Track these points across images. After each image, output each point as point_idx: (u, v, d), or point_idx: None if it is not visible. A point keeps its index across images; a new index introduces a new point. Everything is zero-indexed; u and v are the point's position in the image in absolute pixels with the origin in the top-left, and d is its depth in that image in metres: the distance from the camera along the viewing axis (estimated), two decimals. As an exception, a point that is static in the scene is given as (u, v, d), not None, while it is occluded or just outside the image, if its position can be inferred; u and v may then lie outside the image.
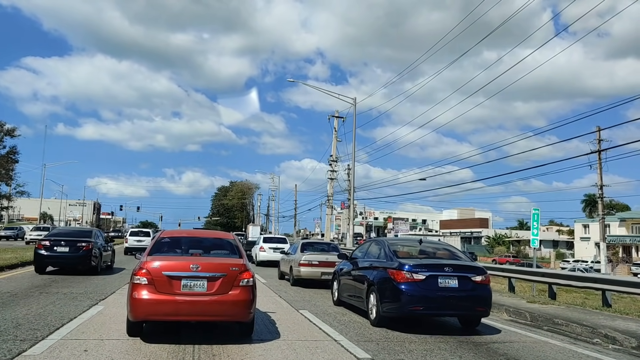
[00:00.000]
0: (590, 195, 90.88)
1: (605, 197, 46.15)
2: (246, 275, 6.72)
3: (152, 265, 6.53)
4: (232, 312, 6.62)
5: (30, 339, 6.37)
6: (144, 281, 6.41)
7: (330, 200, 48.43)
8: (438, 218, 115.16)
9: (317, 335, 7.55)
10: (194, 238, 8.10)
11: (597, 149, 40.39)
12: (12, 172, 65.84)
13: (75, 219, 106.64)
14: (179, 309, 6.40)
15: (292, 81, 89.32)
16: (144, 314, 6.41)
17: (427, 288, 8.12)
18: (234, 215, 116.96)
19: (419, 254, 9.40)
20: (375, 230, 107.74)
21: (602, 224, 42.12)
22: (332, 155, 47.64)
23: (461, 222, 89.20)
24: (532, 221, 20.36)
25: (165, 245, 7.39)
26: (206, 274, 6.54)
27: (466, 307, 8.39)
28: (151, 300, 6.34)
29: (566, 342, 8.05)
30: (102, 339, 6.59)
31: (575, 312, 10.60)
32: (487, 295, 8.48)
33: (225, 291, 6.53)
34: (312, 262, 14.58)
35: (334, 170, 48.22)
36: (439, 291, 8.14)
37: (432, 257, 9.26)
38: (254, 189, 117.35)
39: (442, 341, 7.51)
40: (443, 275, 8.24)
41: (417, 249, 9.67)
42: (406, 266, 8.29)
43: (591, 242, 63.78)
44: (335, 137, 47.37)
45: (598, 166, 41.60)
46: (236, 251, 7.41)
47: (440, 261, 8.88)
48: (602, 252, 42.00)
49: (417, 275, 8.16)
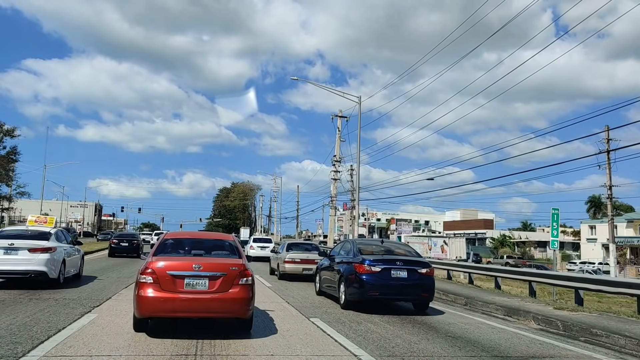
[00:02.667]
0: (594, 196, 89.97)
1: (613, 199, 45.42)
2: (245, 274, 7.02)
3: (157, 265, 6.83)
4: (232, 310, 6.93)
5: (8, 355, 5.55)
6: (149, 280, 6.71)
7: (333, 201, 47.53)
8: (440, 219, 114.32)
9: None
10: (196, 239, 8.27)
11: (606, 149, 39.67)
12: (13, 173, 65.23)
13: (77, 221, 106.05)
14: (182, 306, 6.71)
15: (295, 79, 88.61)
16: (150, 311, 6.71)
17: (382, 278, 10.08)
18: (236, 217, 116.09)
19: (379, 251, 11.11)
20: (378, 232, 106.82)
21: (612, 225, 41.19)
22: (336, 155, 46.68)
23: (465, 223, 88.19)
24: (552, 221, 19.58)
25: (169, 246, 7.68)
26: (208, 273, 6.83)
27: (413, 294, 10.34)
28: (156, 297, 6.64)
29: (612, 356, 7.20)
30: (91, 355, 5.75)
31: (611, 320, 9.73)
32: (431, 284, 10.45)
33: (226, 289, 6.83)
34: (295, 259, 16.82)
35: (338, 170, 47.18)
36: (392, 280, 10.12)
37: (390, 254, 10.95)
38: (255, 190, 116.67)
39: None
40: (395, 268, 10.23)
41: (379, 247, 11.48)
42: (367, 261, 10.26)
43: (598, 244, 62.85)
44: (339, 137, 46.39)
45: (607, 166, 40.84)
46: (236, 252, 7.71)
47: (394, 257, 10.72)
48: (612, 253, 41.06)
49: (375, 267, 10.14)
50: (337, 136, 45.90)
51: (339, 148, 46.05)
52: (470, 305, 12.36)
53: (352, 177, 51.71)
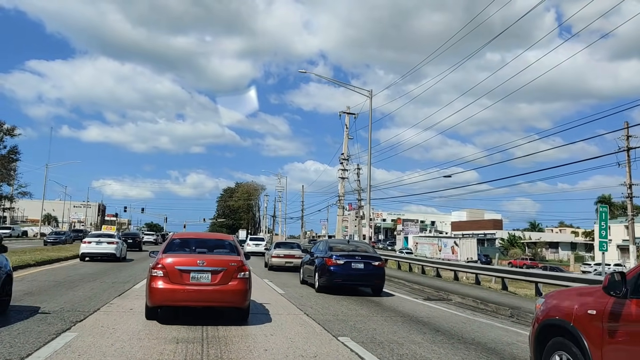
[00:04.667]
0: (604, 196, 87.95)
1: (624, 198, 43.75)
2: (243, 269, 8.04)
3: (167, 261, 7.90)
4: (231, 300, 7.92)
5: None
6: (160, 274, 7.76)
7: (341, 200, 46.05)
8: (445, 219, 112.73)
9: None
10: (200, 239, 9.29)
11: (626, 147, 38.12)
12: (14, 172, 64.09)
13: (80, 221, 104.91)
14: (188, 297, 7.74)
15: (303, 72, 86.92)
16: (160, 300, 7.77)
17: (345, 268, 13.17)
18: (240, 217, 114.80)
19: (345, 249, 14.11)
20: (384, 232, 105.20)
21: (632, 225, 39.58)
22: (344, 153, 45.11)
23: (473, 224, 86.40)
24: (600, 220, 17.86)
25: (177, 245, 8.77)
26: (210, 268, 7.85)
27: (369, 281, 13.47)
28: (166, 289, 7.68)
29: None
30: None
31: None
32: (382, 274, 13.58)
33: (226, 282, 7.84)
34: (280, 255, 21.53)
35: (345, 169, 45.62)
36: (352, 270, 13.21)
37: (352, 251, 13.98)
38: (260, 190, 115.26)
39: None
40: (354, 261, 13.34)
41: (345, 246, 14.65)
42: (334, 256, 13.35)
43: (612, 245, 61.10)
44: (347, 135, 44.80)
45: (627, 164, 39.27)
46: (235, 250, 8.76)
47: (354, 252, 13.79)
48: (632, 255, 39.32)
49: (339, 261, 13.22)
50: (345, 133, 44.40)
51: (347, 145, 44.57)
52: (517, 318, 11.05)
53: (359, 176, 50.23)
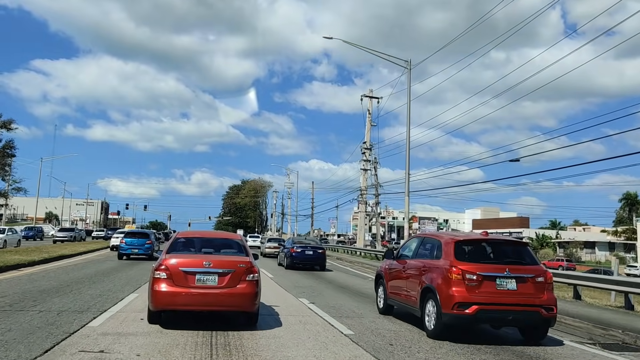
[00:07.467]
0: (629, 193, 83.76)
1: None
2: (252, 271, 7.67)
3: (170, 262, 7.52)
4: (240, 303, 7.54)
5: None
6: (163, 276, 7.35)
7: (363, 195, 41.91)
8: (458, 217, 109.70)
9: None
10: (206, 238, 8.82)
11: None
12: (9, 168, 60.89)
13: (82, 219, 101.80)
14: (193, 300, 7.35)
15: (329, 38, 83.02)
16: (163, 304, 7.37)
17: (300, 255, 21.96)
18: (247, 215, 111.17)
19: (303, 242, 23.61)
20: (396, 230, 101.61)
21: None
22: (366, 142, 40.92)
23: (497, 222, 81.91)
24: None
25: (181, 245, 8.34)
26: (217, 269, 7.46)
27: (317, 262, 22.36)
28: (169, 292, 7.29)
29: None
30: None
31: None
32: (324, 257, 22.99)
33: (234, 285, 7.46)
34: (270, 247, 32.21)
35: (368, 159, 41.23)
36: (305, 256, 22.05)
37: (307, 244, 23.03)
38: (267, 187, 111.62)
39: None
40: (307, 250, 22.21)
41: (303, 240, 24.62)
42: (295, 246, 22.37)
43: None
44: (369, 121, 40.69)
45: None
46: (243, 250, 8.32)
47: (307, 244, 23.07)
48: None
49: (297, 249, 22.13)
50: (367, 120, 40.39)
51: (369, 133, 40.51)
52: None
53: (377, 170, 46.28)
